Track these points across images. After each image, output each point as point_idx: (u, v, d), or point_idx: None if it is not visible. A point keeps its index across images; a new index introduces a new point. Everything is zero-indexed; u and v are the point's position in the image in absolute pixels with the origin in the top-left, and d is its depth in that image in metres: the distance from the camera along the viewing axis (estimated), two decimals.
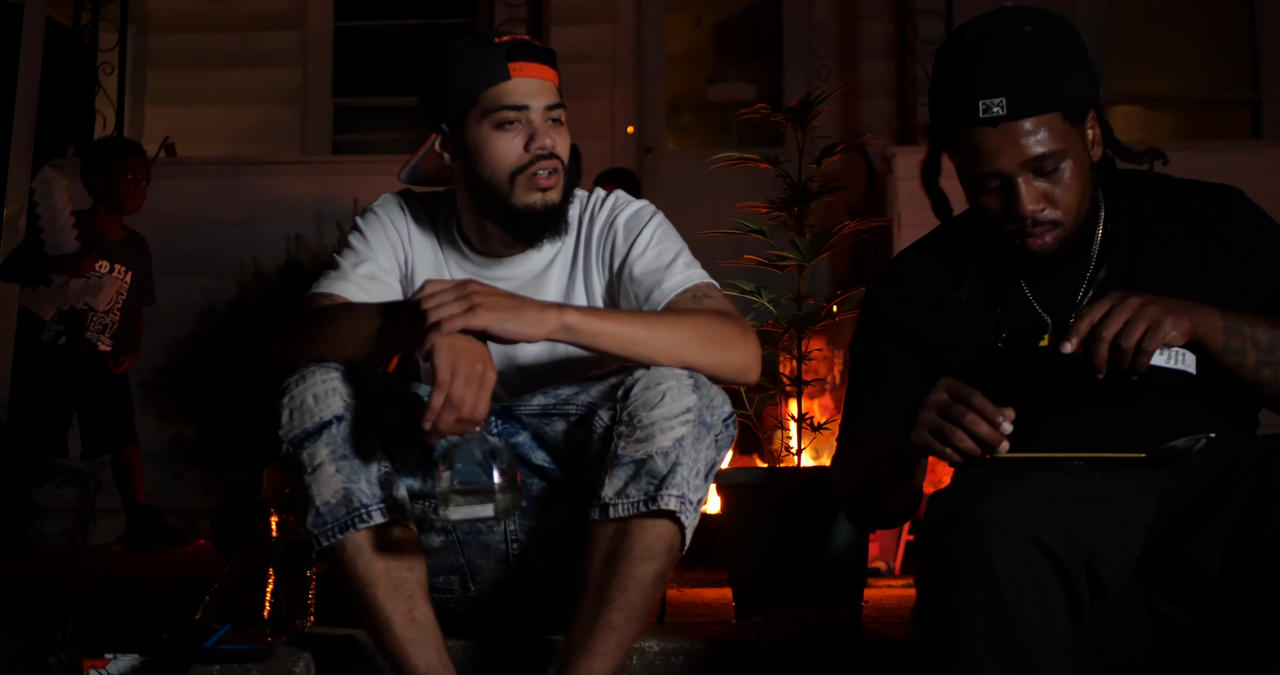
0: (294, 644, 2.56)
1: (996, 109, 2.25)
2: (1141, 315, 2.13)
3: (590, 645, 2.34)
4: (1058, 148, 2.28)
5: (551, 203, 2.59)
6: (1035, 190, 2.30)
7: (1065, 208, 2.32)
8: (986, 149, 2.28)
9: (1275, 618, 2.06)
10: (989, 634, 2.02)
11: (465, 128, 2.58)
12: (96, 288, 6.18)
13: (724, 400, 2.46)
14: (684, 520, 2.34)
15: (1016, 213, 2.31)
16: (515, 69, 2.55)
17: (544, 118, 2.57)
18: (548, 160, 2.56)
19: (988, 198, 2.33)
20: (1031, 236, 2.33)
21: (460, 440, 2.30)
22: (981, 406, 2.16)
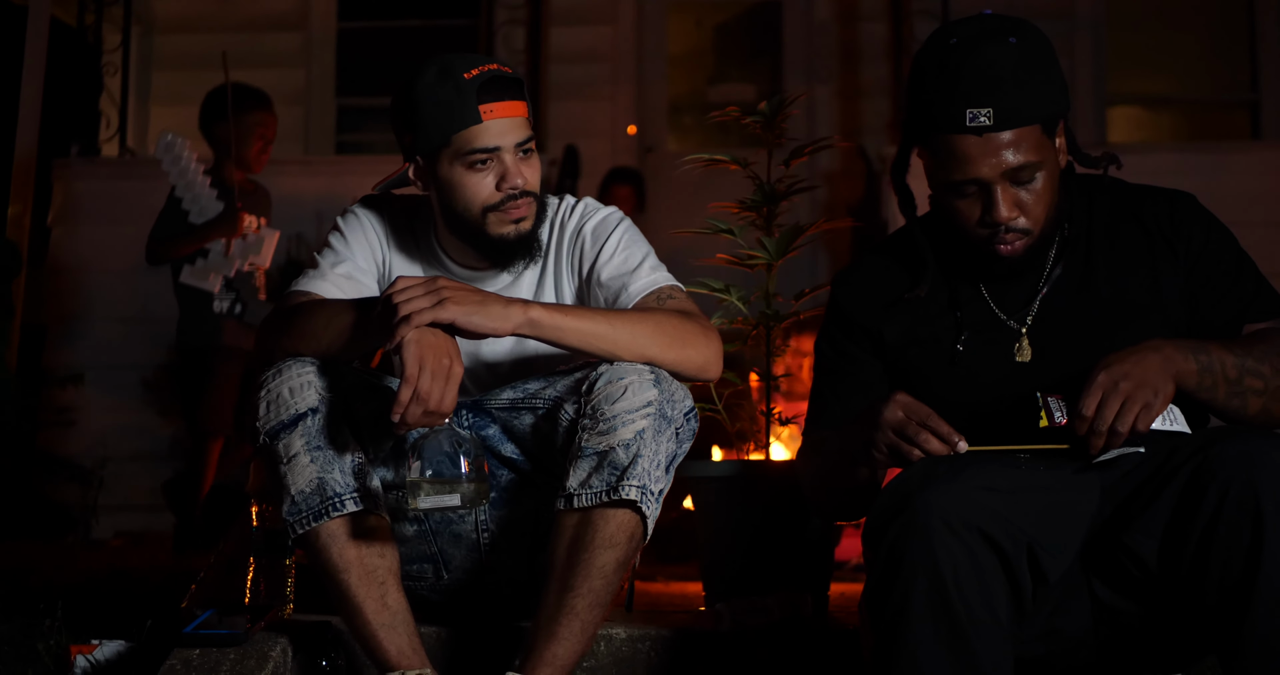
0: (272, 629, 2.64)
1: (984, 118, 2.31)
2: (1133, 401, 2.19)
3: (555, 630, 2.42)
4: (1035, 159, 2.35)
5: (524, 231, 2.66)
6: (1010, 199, 2.36)
7: (1035, 217, 2.39)
8: (969, 156, 2.34)
9: (1208, 606, 2.13)
10: (932, 619, 2.09)
11: (438, 165, 2.64)
12: (258, 245, 5.62)
13: (685, 395, 2.54)
14: (645, 510, 2.42)
15: (991, 219, 2.37)
16: (486, 111, 2.59)
17: (515, 155, 2.63)
18: (520, 198, 2.63)
19: (963, 203, 2.39)
20: (1003, 243, 2.39)
21: (429, 432, 2.37)
22: (937, 427, 2.24)
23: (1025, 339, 2.45)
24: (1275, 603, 2.06)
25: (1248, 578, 2.07)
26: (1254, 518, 2.08)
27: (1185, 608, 2.18)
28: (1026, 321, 2.47)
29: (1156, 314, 2.41)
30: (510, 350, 2.73)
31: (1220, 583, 2.10)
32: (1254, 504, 2.09)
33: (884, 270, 2.60)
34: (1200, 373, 2.26)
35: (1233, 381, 2.29)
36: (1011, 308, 2.48)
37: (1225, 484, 2.11)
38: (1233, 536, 2.09)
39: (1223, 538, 2.10)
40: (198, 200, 5.61)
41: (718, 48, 9.73)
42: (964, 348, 2.47)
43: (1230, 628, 2.09)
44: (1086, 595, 2.28)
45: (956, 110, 2.32)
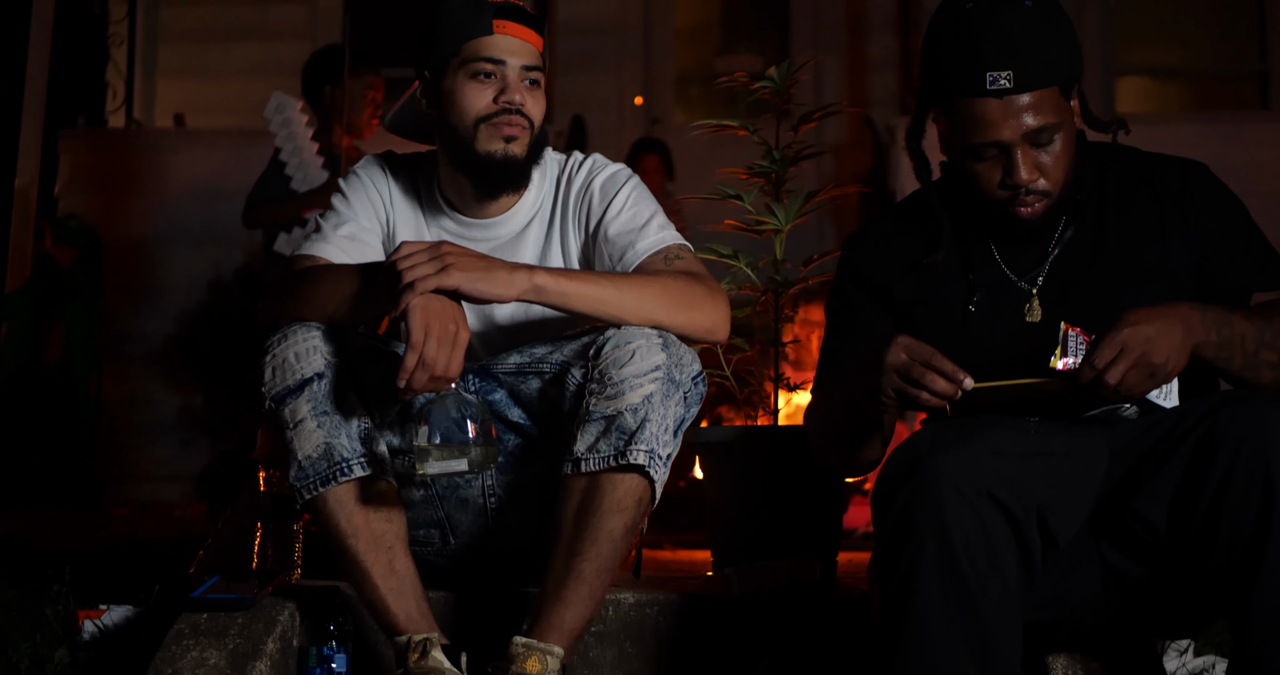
0: (279, 595, 2.64)
1: (1004, 82, 2.31)
2: (1143, 367, 2.18)
3: (563, 595, 2.42)
4: (1054, 121, 2.35)
5: (513, 155, 2.64)
6: (1030, 161, 2.36)
7: (1054, 179, 2.39)
8: (989, 120, 2.34)
9: (1218, 570, 2.12)
10: (940, 584, 2.09)
11: (444, 76, 2.65)
12: None
13: (693, 359, 2.53)
14: (653, 474, 2.42)
15: (1012, 182, 2.37)
16: (499, 26, 2.62)
17: (519, 76, 2.63)
18: (515, 115, 2.62)
19: (983, 166, 2.39)
20: (1023, 205, 2.39)
21: (436, 397, 2.37)
22: (940, 365, 2.23)
23: (1036, 300, 2.45)
24: None
25: (1258, 542, 2.07)
26: (1264, 481, 2.08)
27: (1194, 572, 2.18)
28: (1038, 282, 2.46)
29: (1165, 279, 2.41)
30: (516, 314, 2.72)
31: (1230, 547, 2.10)
32: (1264, 468, 2.08)
33: (896, 233, 2.60)
34: (1219, 345, 2.26)
35: (1250, 354, 2.28)
36: (1022, 269, 2.48)
37: (1235, 448, 2.11)
38: (1243, 500, 2.09)
39: (1232, 502, 2.10)
40: (303, 167, 5.39)
41: (725, 20, 9.70)
42: (975, 309, 2.46)
43: (1240, 592, 2.09)
44: (1095, 560, 2.28)
45: (976, 74, 2.33)
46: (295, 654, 2.59)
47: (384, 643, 2.58)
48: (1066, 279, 2.45)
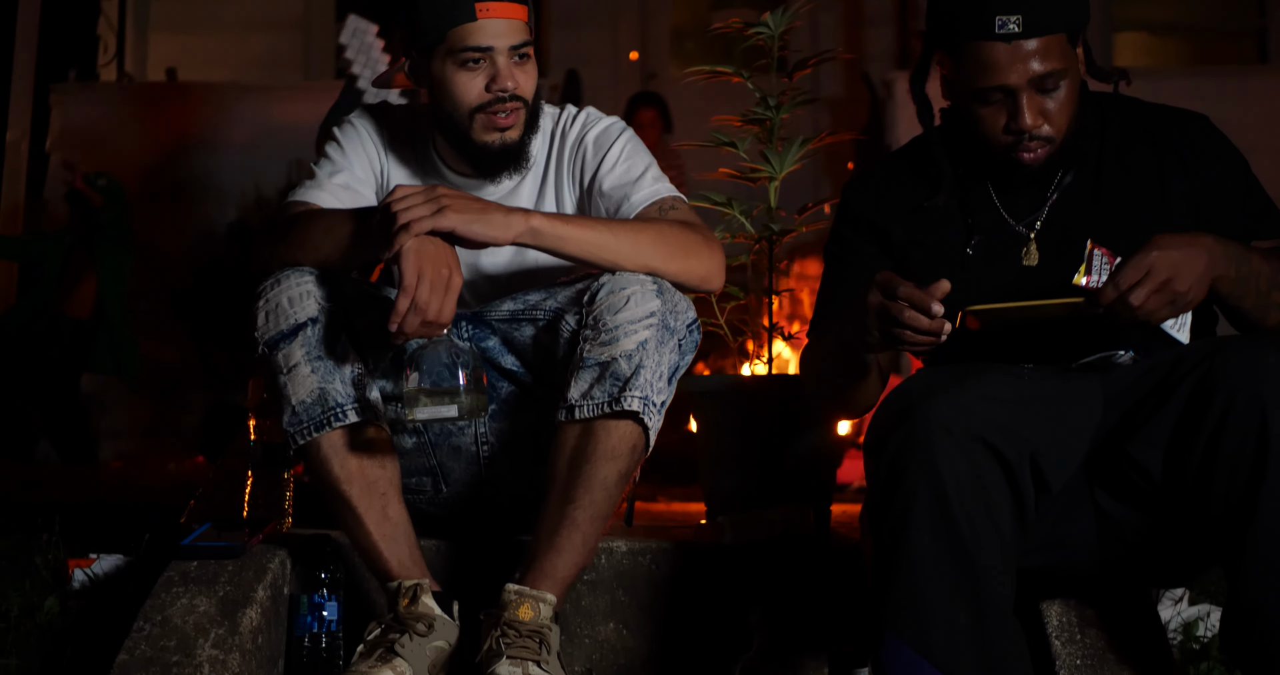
0: (270, 542, 2.63)
1: (1013, 26, 2.31)
2: (1166, 293, 2.16)
3: (555, 542, 2.40)
4: (1060, 66, 2.34)
5: (510, 141, 2.62)
6: (1035, 106, 2.36)
7: (1058, 126, 2.38)
8: (997, 63, 2.33)
9: (1212, 516, 2.11)
10: (932, 529, 2.08)
11: (431, 61, 2.60)
12: None
13: (688, 306, 2.51)
14: (647, 422, 2.40)
15: (1016, 126, 2.36)
16: (482, 9, 2.55)
17: (508, 58, 2.58)
18: (509, 102, 2.59)
19: (987, 111, 2.38)
20: (1026, 151, 2.38)
21: (427, 343, 2.35)
22: (910, 296, 2.20)
23: (1033, 244, 2.45)
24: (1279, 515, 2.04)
25: (1252, 487, 2.06)
26: (1259, 427, 2.06)
27: (1189, 518, 2.17)
28: (1035, 226, 2.46)
29: (1163, 226, 2.39)
30: (510, 261, 2.70)
31: (1225, 492, 2.09)
32: (1259, 413, 2.07)
33: (896, 177, 2.59)
34: (1236, 281, 2.25)
35: (1262, 294, 2.28)
36: (1020, 214, 2.48)
37: (1231, 393, 2.10)
38: (1238, 446, 2.08)
39: (1228, 447, 2.09)
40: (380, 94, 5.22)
41: None
42: (973, 252, 2.45)
43: (1234, 537, 2.08)
44: (1090, 506, 2.27)
45: (985, 18, 2.32)
46: (286, 602, 2.58)
47: (376, 590, 2.57)
48: (1064, 224, 2.45)
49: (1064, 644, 2.32)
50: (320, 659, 2.53)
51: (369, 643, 2.41)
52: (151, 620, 2.40)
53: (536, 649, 2.33)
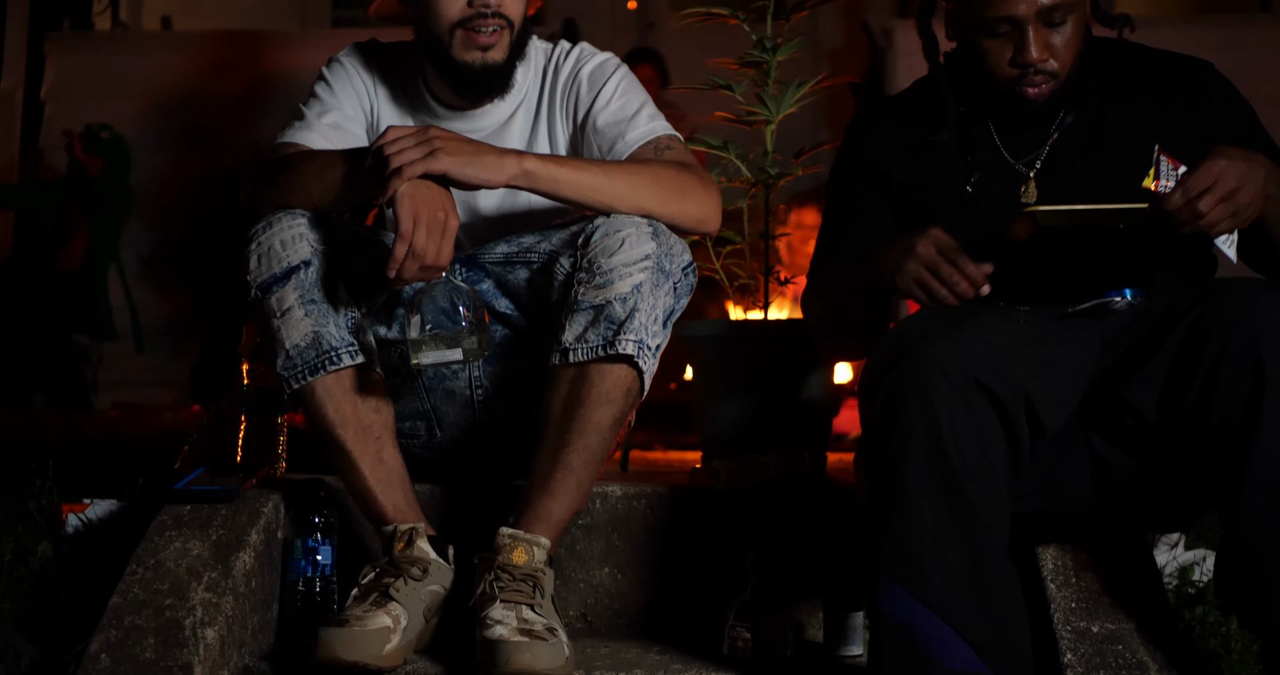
0: (264, 487, 2.62)
1: None
2: (1231, 204, 2.14)
3: (549, 486, 2.40)
4: (1069, 0, 2.33)
5: (492, 62, 2.59)
6: (1042, 40, 2.35)
7: (1063, 61, 2.38)
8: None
9: (1207, 459, 2.10)
10: (927, 470, 2.07)
11: None
12: None
13: (683, 249, 2.49)
14: (641, 365, 2.39)
15: (1022, 60, 2.35)
16: None
17: None
18: (490, 19, 2.55)
19: (993, 43, 2.37)
20: (1031, 85, 2.38)
21: (425, 287, 2.34)
22: (964, 266, 2.22)
23: (1033, 183, 2.44)
24: (1274, 454, 2.04)
25: (1247, 430, 2.05)
26: (1254, 369, 2.06)
27: (1184, 462, 2.17)
28: (1035, 165, 2.45)
29: None
30: (503, 202, 2.68)
31: (1219, 435, 2.08)
32: (1254, 355, 2.06)
33: (897, 117, 2.59)
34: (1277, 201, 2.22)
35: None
36: (1020, 153, 2.47)
37: (1225, 335, 2.09)
38: (1232, 389, 2.07)
39: (1222, 390, 2.08)
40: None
41: None
42: (973, 189, 2.44)
43: (1229, 480, 2.07)
44: (1085, 450, 2.27)
45: None
46: (280, 546, 2.57)
47: (370, 535, 2.57)
48: (1064, 164, 2.44)
49: (1059, 587, 2.32)
50: (314, 603, 2.52)
51: (363, 587, 2.41)
52: (145, 564, 2.40)
53: (530, 593, 2.33)
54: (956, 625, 2.05)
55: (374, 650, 2.29)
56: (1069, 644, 2.24)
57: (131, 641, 2.26)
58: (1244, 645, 2.46)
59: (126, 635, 2.27)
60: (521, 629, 2.26)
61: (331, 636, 2.28)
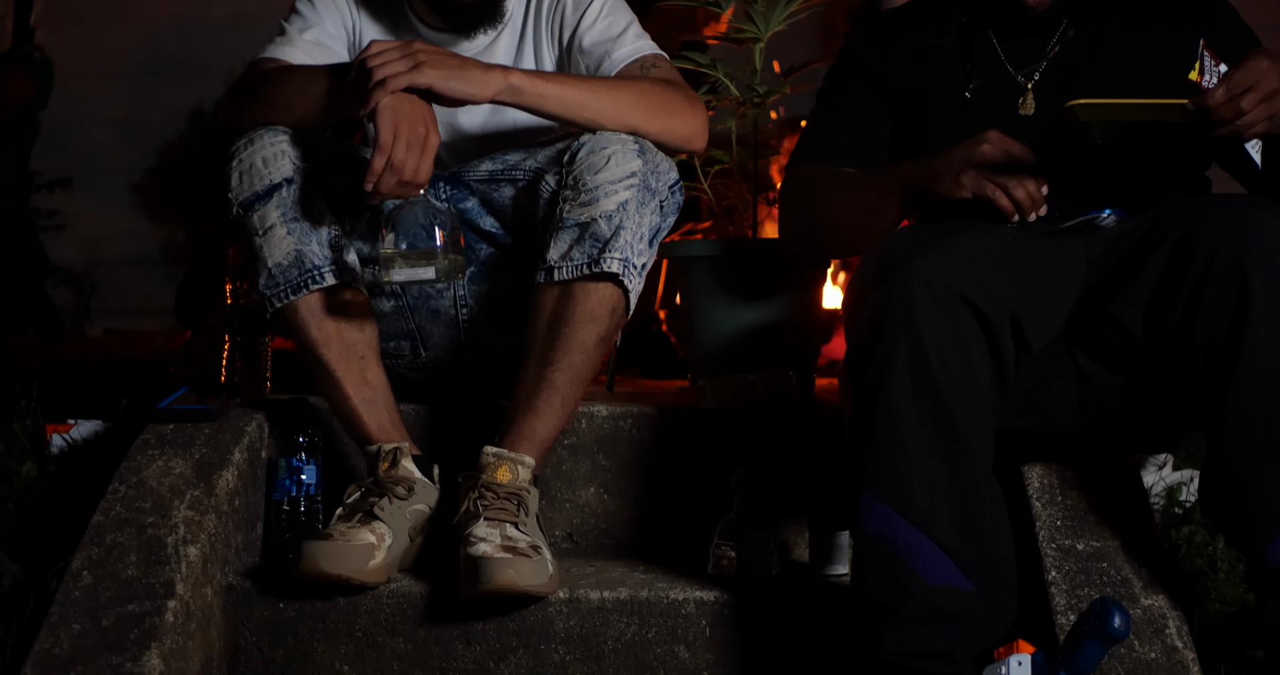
0: (247, 406, 2.61)
1: None
2: (1273, 104, 2.08)
3: (534, 405, 2.39)
4: None
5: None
6: None
7: None
8: None
9: (1192, 377, 2.09)
10: (912, 386, 2.05)
11: None
12: None
13: (670, 167, 2.47)
14: (627, 284, 2.37)
15: None
16: None
17: None
18: None
19: None
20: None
21: (404, 204, 2.32)
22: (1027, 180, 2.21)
23: (1030, 94, 2.42)
24: (1259, 371, 2.03)
25: (1232, 345, 2.04)
26: (1239, 285, 2.04)
27: (1170, 379, 2.15)
28: (1034, 76, 2.43)
29: (1161, 85, 2.36)
30: (488, 119, 2.65)
31: (1205, 352, 2.07)
32: (1240, 271, 2.05)
33: (899, 22, 2.57)
34: None
35: None
36: (1020, 63, 2.45)
37: (1212, 251, 2.07)
38: (1218, 304, 2.06)
39: (1208, 305, 2.07)
40: None
41: None
42: (971, 96, 2.42)
43: (1213, 397, 2.06)
44: (1071, 368, 2.26)
45: None
46: (264, 465, 2.56)
47: (355, 455, 2.56)
48: (1062, 76, 2.42)
49: (1044, 506, 2.31)
50: (299, 522, 2.51)
51: (348, 506, 2.40)
52: (127, 482, 2.39)
53: (514, 511, 2.32)
54: (939, 540, 2.04)
55: (358, 565, 2.29)
56: (1053, 562, 2.23)
57: (113, 559, 2.25)
58: (1230, 564, 2.47)
59: (108, 553, 2.26)
60: (505, 546, 2.25)
61: (315, 550, 2.28)
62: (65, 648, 2.11)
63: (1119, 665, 2.08)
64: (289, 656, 2.36)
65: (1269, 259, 2.05)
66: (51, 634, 2.13)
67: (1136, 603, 2.16)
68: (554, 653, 2.33)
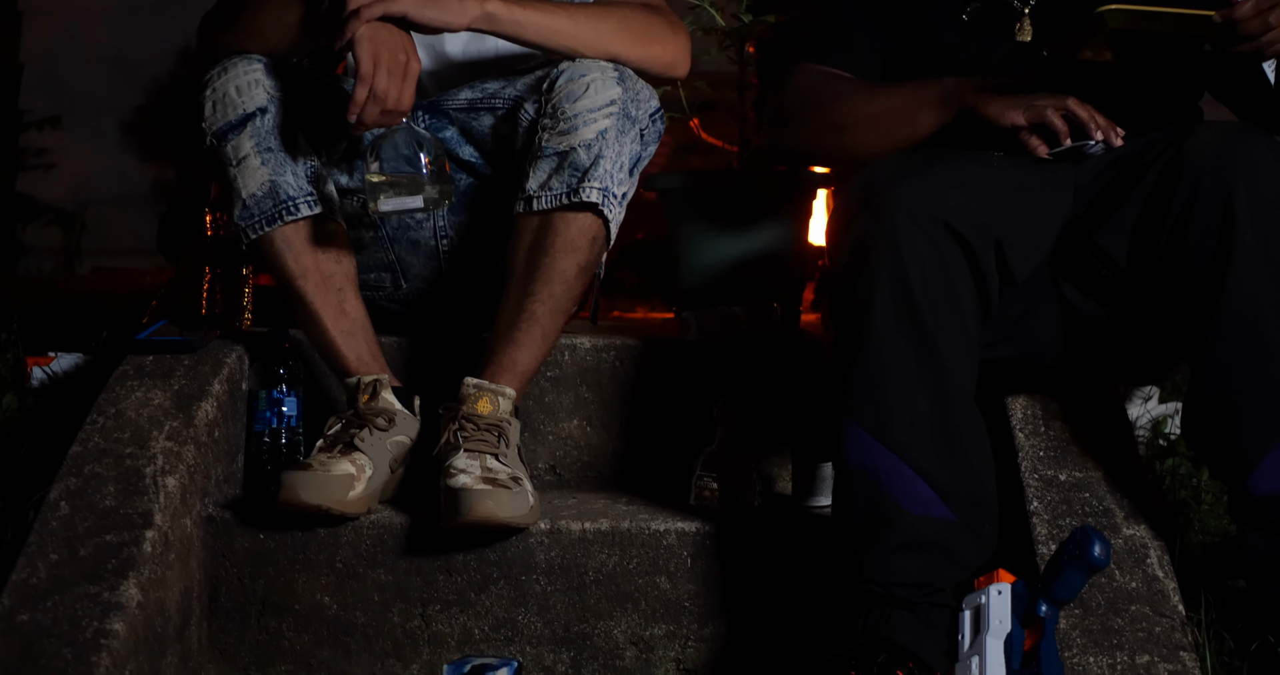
0: (227, 338, 2.59)
1: None
2: None
3: (514, 336, 2.37)
4: None
5: None
6: None
7: None
8: None
9: (1177, 305, 2.07)
10: (894, 314, 2.03)
11: None
12: None
13: (651, 95, 2.44)
14: (607, 213, 2.35)
15: None
16: None
17: None
18: None
19: None
20: None
21: (386, 132, 2.30)
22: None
23: (1027, 20, 2.37)
24: (1243, 298, 2.01)
25: (1217, 273, 2.02)
26: (1225, 211, 2.02)
27: (1154, 308, 2.13)
28: (1030, 3, 2.38)
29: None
30: (469, 48, 2.62)
31: (1189, 279, 2.05)
32: (1225, 197, 2.02)
33: None
34: None
35: None
36: None
37: (1197, 177, 2.05)
38: (1203, 230, 2.04)
39: (1193, 231, 2.05)
40: None
41: None
42: (968, 19, 2.37)
43: (1198, 326, 2.04)
44: (1055, 298, 2.24)
45: None
46: (245, 398, 2.54)
47: (336, 388, 2.54)
48: (1060, 3, 2.36)
49: (1027, 436, 2.30)
50: (280, 454, 2.50)
51: (329, 437, 2.39)
52: (105, 413, 2.37)
53: (495, 442, 2.31)
54: (920, 469, 2.03)
55: (337, 495, 2.28)
56: (1035, 492, 2.22)
57: (91, 489, 2.24)
58: (1214, 496, 2.46)
59: (86, 483, 2.25)
60: (485, 478, 2.24)
61: (294, 480, 2.27)
62: (42, 577, 2.10)
63: (1099, 594, 2.07)
64: (269, 587, 2.35)
65: (1256, 185, 2.02)
66: (29, 564, 2.12)
67: (1118, 532, 2.15)
68: (535, 583, 2.32)
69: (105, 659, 1.99)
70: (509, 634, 2.32)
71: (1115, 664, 2.00)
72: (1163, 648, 2.01)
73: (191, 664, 2.29)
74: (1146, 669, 1.99)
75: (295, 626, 2.35)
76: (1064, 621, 2.03)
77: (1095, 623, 2.04)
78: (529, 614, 2.32)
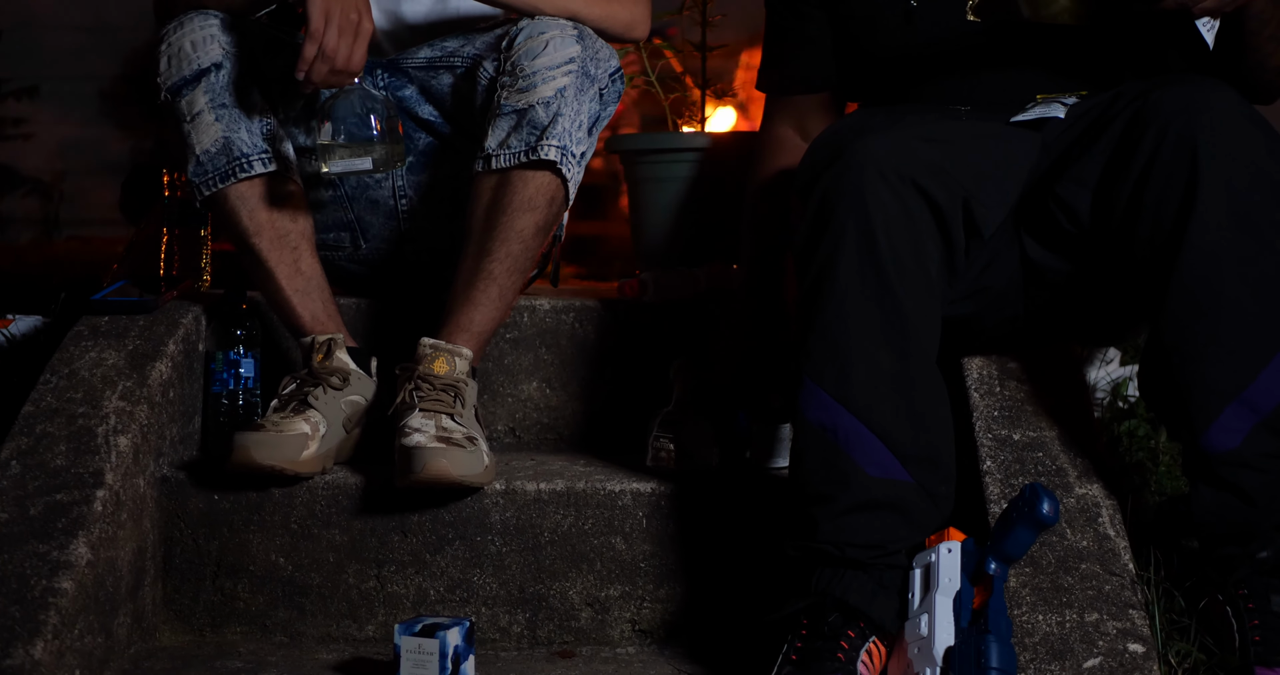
0: (185, 299, 2.57)
1: None
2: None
3: (472, 296, 2.36)
4: None
5: None
6: None
7: None
8: None
9: (1138, 261, 2.05)
10: (859, 271, 2.01)
11: None
12: None
13: (610, 54, 2.43)
14: (565, 172, 2.34)
15: None
16: None
17: None
18: None
19: None
20: None
21: (340, 92, 2.28)
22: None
23: None
24: (1204, 252, 1.99)
25: (1179, 226, 2.00)
26: (1190, 163, 2.00)
27: (1115, 263, 2.11)
28: None
29: None
30: (432, 9, 2.59)
31: (1151, 232, 2.03)
32: (1190, 151, 2.00)
33: None
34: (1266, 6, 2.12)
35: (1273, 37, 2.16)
36: None
37: (1162, 130, 2.03)
38: (1167, 182, 2.02)
39: (1157, 182, 2.03)
40: None
41: None
42: (917, 4, 2.33)
43: (1158, 280, 2.02)
44: (1017, 252, 2.21)
45: None
46: (201, 358, 2.53)
47: (294, 349, 2.53)
48: None
49: (982, 396, 2.28)
50: (237, 415, 2.49)
51: (283, 397, 2.38)
52: (59, 373, 2.36)
53: (450, 402, 2.30)
54: (879, 430, 2.01)
55: (290, 455, 2.27)
56: (989, 451, 2.21)
57: (42, 448, 2.23)
58: (1172, 458, 2.46)
59: (37, 442, 2.24)
60: (439, 437, 2.23)
61: (247, 440, 2.26)
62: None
63: (1050, 553, 2.06)
64: (224, 548, 2.34)
65: (1222, 137, 2.00)
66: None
67: (1071, 492, 2.14)
68: (490, 544, 2.31)
69: (53, 617, 1.98)
70: (464, 595, 2.32)
71: (1064, 621, 1.99)
72: (1112, 606, 2.00)
73: (145, 624, 2.29)
74: (1095, 627, 1.98)
75: (250, 587, 2.34)
76: (1014, 579, 2.02)
77: (1045, 581, 2.03)
78: (484, 575, 2.32)
